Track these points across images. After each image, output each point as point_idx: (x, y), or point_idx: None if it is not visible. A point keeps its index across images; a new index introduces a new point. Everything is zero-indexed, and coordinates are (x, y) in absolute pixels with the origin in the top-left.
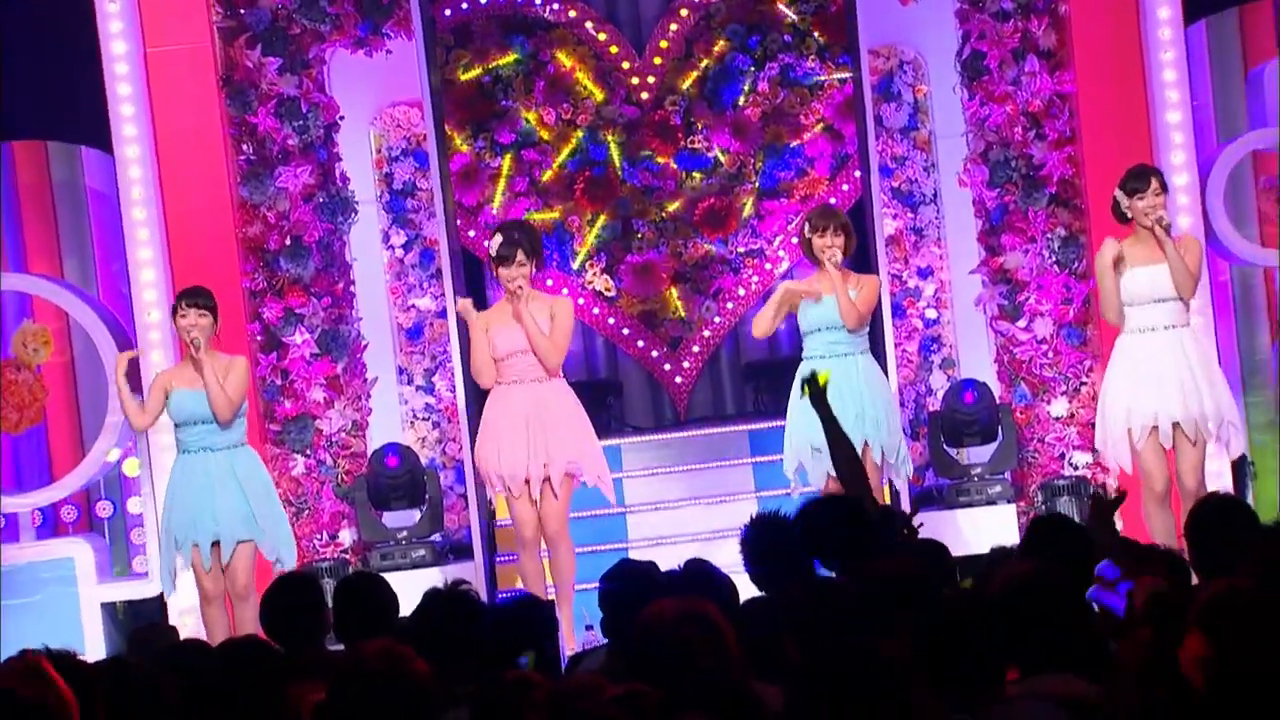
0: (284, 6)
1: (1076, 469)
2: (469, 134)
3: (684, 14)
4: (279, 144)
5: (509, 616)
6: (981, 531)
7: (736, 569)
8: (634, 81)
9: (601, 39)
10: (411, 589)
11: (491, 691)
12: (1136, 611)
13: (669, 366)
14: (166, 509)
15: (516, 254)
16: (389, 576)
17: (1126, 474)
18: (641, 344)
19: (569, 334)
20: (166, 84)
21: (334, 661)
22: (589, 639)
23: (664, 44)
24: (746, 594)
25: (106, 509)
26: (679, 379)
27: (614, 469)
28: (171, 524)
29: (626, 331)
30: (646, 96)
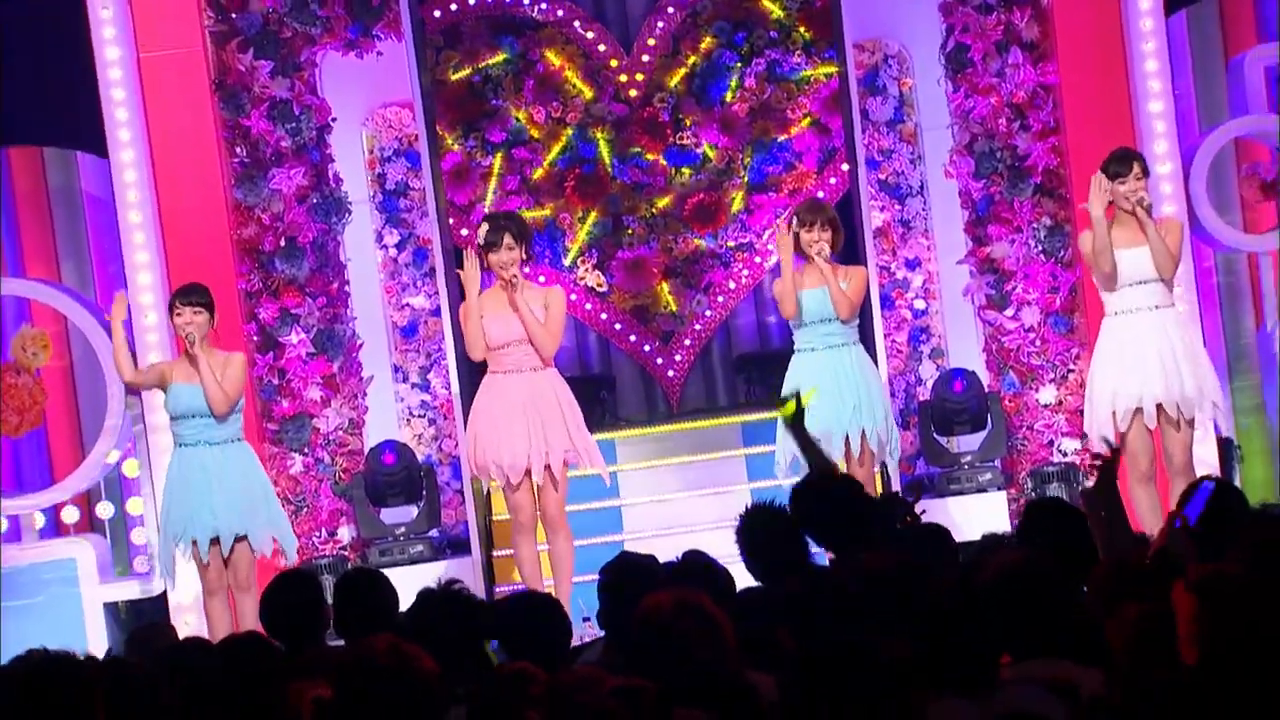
0: (275, 10)
1: (1065, 455)
2: (460, 133)
3: (671, 11)
4: (272, 146)
5: (521, 623)
6: (972, 519)
7: (731, 559)
8: (622, 79)
9: (590, 37)
10: (410, 584)
11: (490, 687)
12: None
13: (661, 360)
14: (165, 503)
15: (504, 238)
16: (388, 572)
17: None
18: (634, 338)
19: (563, 323)
20: (160, 88)
21: (338, 658)
22: (586, 632)
23: (651, 41)
24: (743, 584)
25: (107, 510)
26: (671, 372)
27: (608, 462)
28: (170, 519)
29: (618, 326)
30: (635, 94)
